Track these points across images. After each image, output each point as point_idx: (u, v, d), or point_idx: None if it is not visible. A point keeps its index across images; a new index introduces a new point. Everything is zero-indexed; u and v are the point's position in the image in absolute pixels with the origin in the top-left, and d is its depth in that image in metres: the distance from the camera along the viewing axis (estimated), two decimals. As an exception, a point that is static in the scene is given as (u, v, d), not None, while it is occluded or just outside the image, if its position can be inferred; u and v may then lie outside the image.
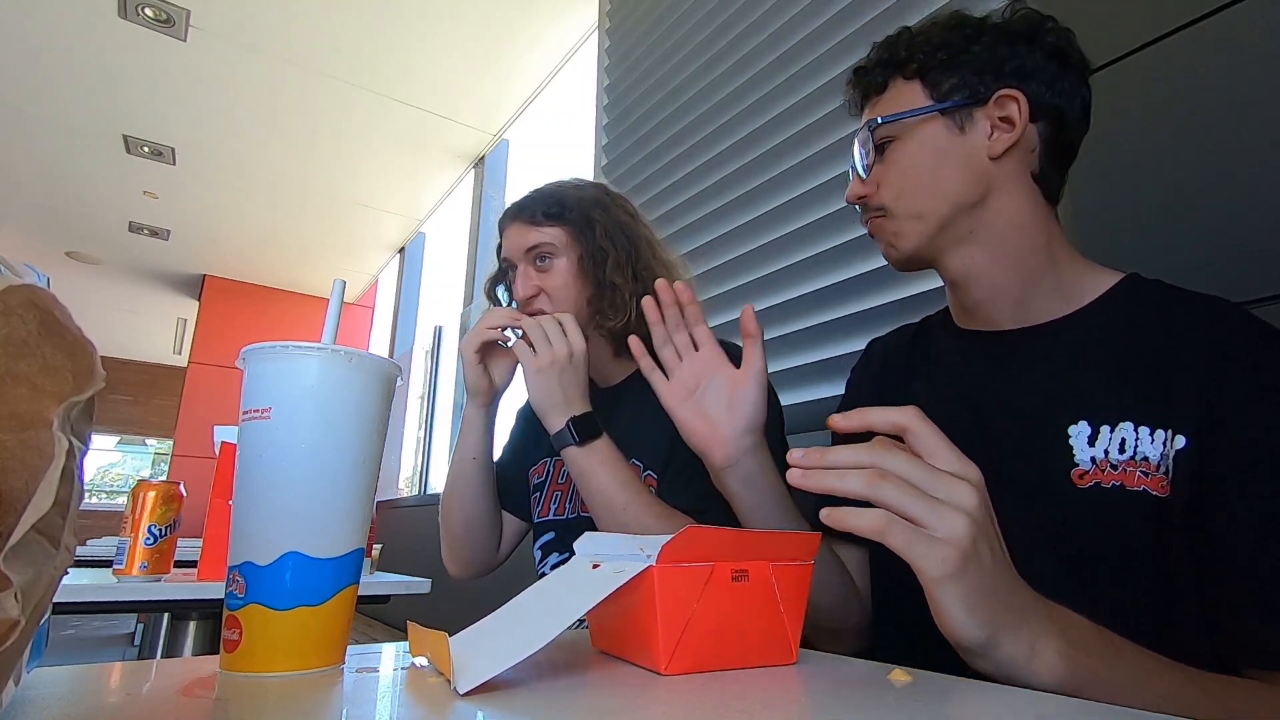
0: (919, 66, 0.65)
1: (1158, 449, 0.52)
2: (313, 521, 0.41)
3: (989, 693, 0.37)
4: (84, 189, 4.28)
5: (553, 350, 0.81)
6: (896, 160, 0.65)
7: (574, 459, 0.81)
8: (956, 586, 0.39)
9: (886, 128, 0.65)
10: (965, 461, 0.42)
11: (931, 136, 0.64)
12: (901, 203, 0.65)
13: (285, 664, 0.40)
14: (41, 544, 0.23)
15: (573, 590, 0.45)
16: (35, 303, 0.25)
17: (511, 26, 2.94)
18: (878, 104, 0.68)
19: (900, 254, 0.67)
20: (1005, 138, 0.63)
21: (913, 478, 0.40)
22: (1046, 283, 0.63)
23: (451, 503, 1.00)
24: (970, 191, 0.63)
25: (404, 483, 4.67)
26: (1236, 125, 0.78)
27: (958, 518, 0.39)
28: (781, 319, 1.45)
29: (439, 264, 4.91)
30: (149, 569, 1.06)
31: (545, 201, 0.95)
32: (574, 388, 0.82)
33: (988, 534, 0.41)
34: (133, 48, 3.01)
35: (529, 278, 0.93)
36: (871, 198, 0.67)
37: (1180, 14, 0.84)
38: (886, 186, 0.66)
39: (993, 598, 0.40)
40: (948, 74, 0.64)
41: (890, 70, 0.67)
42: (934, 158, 0.64)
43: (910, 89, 0.66)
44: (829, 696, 0.37)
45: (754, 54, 1.63)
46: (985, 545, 0.40)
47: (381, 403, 0.45)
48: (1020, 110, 0.62)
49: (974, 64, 0.63)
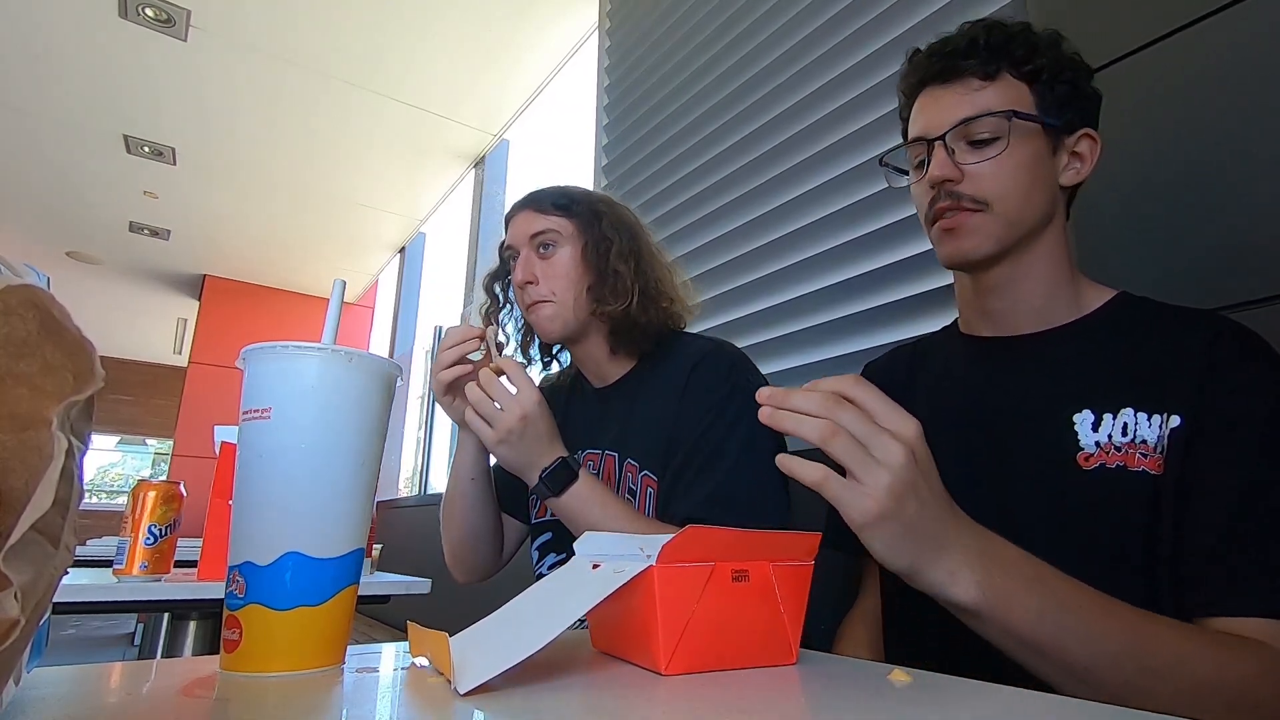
0: (1033, 70, 0.64)
1: (1155, 431, 0.56)
2: (313, 521, 0.41)
3: (989, 693, 0.37)
4: (84, 189, 4.28)
5: (505, 417, 0.80)
6: (1007, 160, 0.63)
7: (558, 507, 0.82)
8: (876, 530, 0.45)
9: (999, 122, 0.63)
10: (905, 419, 0.46)
11: (1038, 148, 0.64)
12: (1005, 205, 0.63)
13: (285, 664, 0.40)
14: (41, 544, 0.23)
15: (573, 590, 0.45)
16: (35, 302, 0.25)
17: (512, 26, 2.94)
18: (984, 90, 0.64)
19: (979, 253, 0.65)
20: (1076, 173, 0.66)
21: (856, 432, 0.45)
22: (1064, 294, 0.66)
23: (453, 517, 1.00)
24: (1047, 213, 0.65)
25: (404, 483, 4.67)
26: (1236, 126, 0.78)
27: (882, 473, 0.44)
28: (781, 319, 1.45)
29: (439, 264, 4.92)
30: (149, 569, 1.06)
31: (554, 194, 0.97)
32: (538, 443, 0.82)
33: (914, 485, 0.45)
34: (133, 48, 3.01)
35: (530, 263, 0.94)
36: (962, 186, 0.64)
37: (1180, 14, 0.84)
38: (988, 181, 0.64)
39: (914, 538, 0.46)
40: (1052, 90, 0.64)
41: (1003, 60, 0.64)
42: (1035, 170, 0.64)
43: (1019, 89, 0.64)
44: (829, 696, 0.37)
45: (754, 54, 1.63)
46: (911, 496, 0.45)
47: (381, 403, 0.45)
48: (1094, 152, 0.66)
49: (1068, 92, 0.65)
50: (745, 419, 0.85)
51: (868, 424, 0.45)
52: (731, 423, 0.84)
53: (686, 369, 0.90)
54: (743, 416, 0.85)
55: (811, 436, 0.45)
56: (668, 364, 0.93)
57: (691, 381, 0.89)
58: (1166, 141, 0.85)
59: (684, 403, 0.88)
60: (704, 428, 0.85)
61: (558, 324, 0.93)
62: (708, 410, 0.86)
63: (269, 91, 3.34)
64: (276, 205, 4.50)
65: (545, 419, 0.82)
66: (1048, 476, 0.59)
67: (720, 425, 0.84)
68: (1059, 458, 0.59)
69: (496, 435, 0.80)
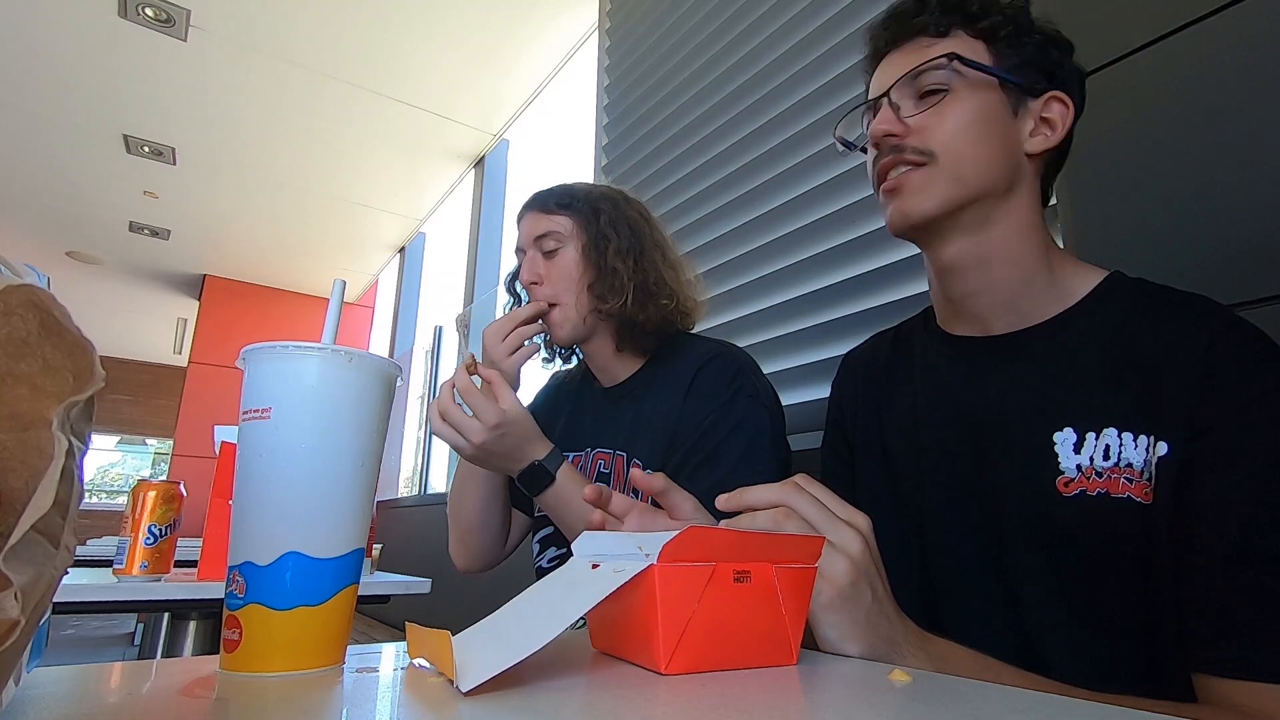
0: (990, 27, 0.61)
1: (1141, 454, 0.52)
2: (313, 521, 0.41)
3: (989, 693, 0.37)
4: (84, 189, 4.28)
5: (476, 431, 0.80)
6: (950, 111, 0.60)
7: (543, 505, 0.85)
8: (831, 616, 0.44)
9: (944, 75, 0.60)
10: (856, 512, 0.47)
11: (991, 104, 0.61)
12: (949, 156, 0.59)
13: (285, 664, 0.40)
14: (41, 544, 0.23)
15: (573, 590, 0.45)
16: (35, 303, 0.25)
17: (511, 26, 2.94)
18: (932, 46, 0.62)
19: (920, 209, 0.60)
20: (1044, 140, 0.62)
21: (810, 518, 0.46)
22: (1039, 283, 0.62)
23: (463, 503, 1.00)
24: (1004, 178, 0.61)
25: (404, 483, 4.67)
26: (1236, 125, 0.78)
27: (840, 560, 0.45)
28: (781, 319, 1.45)
29: (439, 264, 4.92)
30: (149, 569, 1.06)
31: (558, 193, 0.97)
32: (515, 448, 0.82)
33: (870, 575, 0.45)
34: (133, 48, 3.01)
35: (534, 264, 0.95)
36: (906, 138, 0.61)
37: (1180, 14, 0.84)
38: (932, 132, 0.60)
39: (868, 629, 0.45)
40: (1014, 50, 0.61)
41: (956, 18, 0.62)
42: (987, 127, 0.60)
43: (973, 44, 0.61)
44: (829, 696, 0.37)
45: (754, 54, 1.63)
46: (865, 584, 0.45)
47: (381, 403, 0.45)
48: (1066, 117, 0.62)
49: (1033, 54, 0.62)
50: (747, 424, 0.85)
51: (824, 512, 0.46)
52: (733, 426, 0.84)
53: (692, 370, 0.90)
54: (745, 421, 0.85)
55: (767, 525, 0.46)
56: (675, 365, 0.93)
57: (696, 382, 0.89)
58: (1169, 141, 0.85)
59: (687, 403, 0.88)
60: (705, 429, 0.85)
61: (566, 328, 0.94)
62: (711, 412, 0.86)
63: (269, 91, 3.34)
64: (276, 205, 4.50)
65: (521, 421, 0.82)
66: (1029, 498, 0.56)
67: (721, 427, 0.84)
68: (1039, 479, 0.56)
69: (472, 452, 0.82)
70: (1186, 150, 0.83)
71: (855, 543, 0.45)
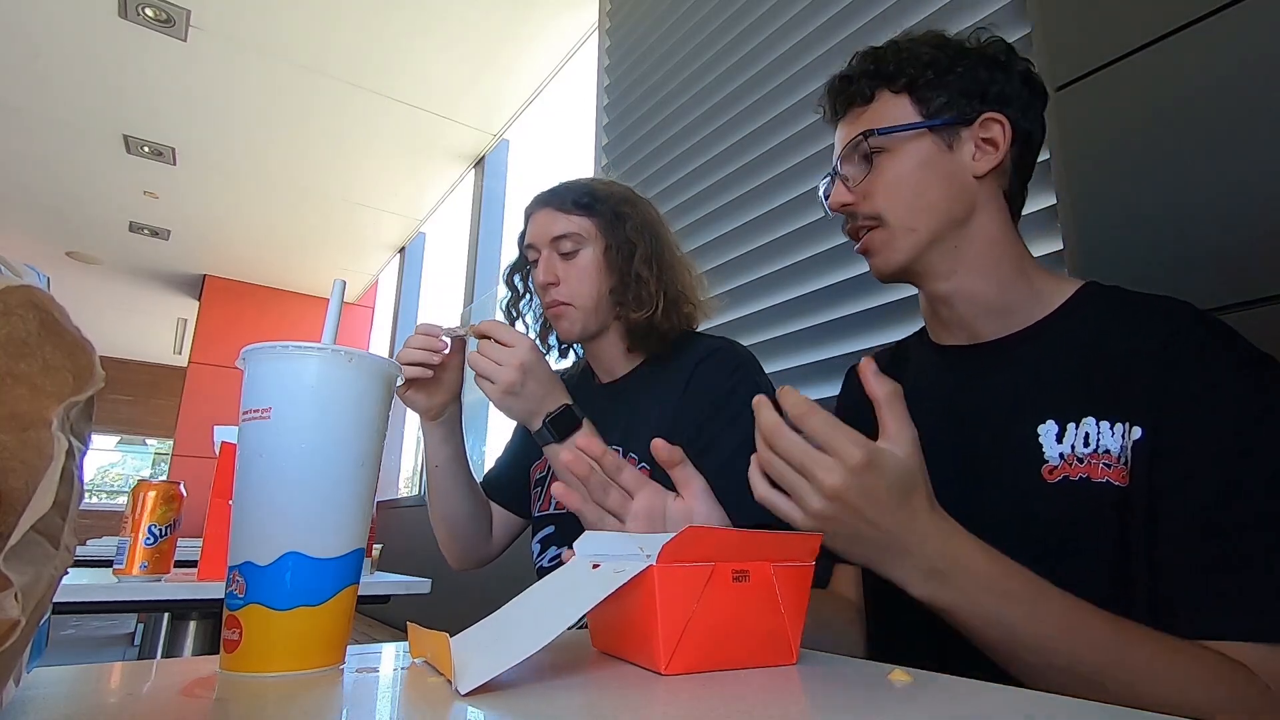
0: (908, 81, 0.66)
1: (1118, 441, 0.55)
2: (313, 521, 0.41)
3: (989, 693, 0.37)
4: (84, 189, 4.28)
5: (504, 372, 0.81)
6: (887, 173, 0.66)
7: (556, 454, 0.83)
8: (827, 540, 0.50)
9: (877, 139, 0.66)
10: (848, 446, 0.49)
11: (922, 152, 0.66)
12: (895, 215, 0.66)
13: (285, 664, 0.40)
14: (41, 544, 0.23)
15: (573, 590, 0.45)
16: (34, 303, 0.25)
17: (511, 26, 2.94)
18: (864, 114, 0.68)
19: (890, 266, 0.67)
20: (989, 159, 0.66)
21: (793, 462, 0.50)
22: (1019, 291, 0.66)
23: (432, 508, 1.01)
24: (957, 208, 0.65)
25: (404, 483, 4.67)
26: (1235, 126, 0.78)
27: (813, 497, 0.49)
28: (781, 319, 1.45)
29: (439, 264, 4.92)
30: (149, 569, 1.06)
31: (576, 191, 0.95)
32: (540, 390, 0.82)
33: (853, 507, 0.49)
34: (133, 48, 3.01)
35: (552, 265, 0.93)
36: (859, 206, 0.68)
37: (1180, 14, 0.84)
38: (876, 197, 0.66)
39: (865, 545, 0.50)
40: (936, 92, 0.66)
41: (877, 82, 0.68)
42: (925, 173, 0.65)
43: (899, 103, 0.67)
44: (829, 696, 0.37)
45: (754, 54, 1.63)
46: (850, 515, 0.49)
47: (381, 403, 0.45)
48: (1004, 133, 0.65)
49: (960, 85, 0.66)
50: (744, 418, 0.84)
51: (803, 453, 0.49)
52: (731, 419, 0.84)
53: (692, 365, 0.90)
54: (742, 415, 0.85)
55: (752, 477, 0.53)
56: (676, 361, 0.93)
57: (696, 376, 0.89)
58: (1166, 142, 0.85)
59: (686, 396, 0.88)
60: (702, 420, 0.85)
61: (577, 327, 0.93)
62: (708, 404, 0.86)
63: (269, 91, 3.34)
64: (276, 205, 4.50)
65: (543, 366, 0.83)
66: (1016, 489, 0.59)
67: (719, 420, 0.84)
68: (1025, 469, 0.59)
69: (498, 390, 0.81)
70: (1185, 151, 0.83)
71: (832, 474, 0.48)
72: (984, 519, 0.57)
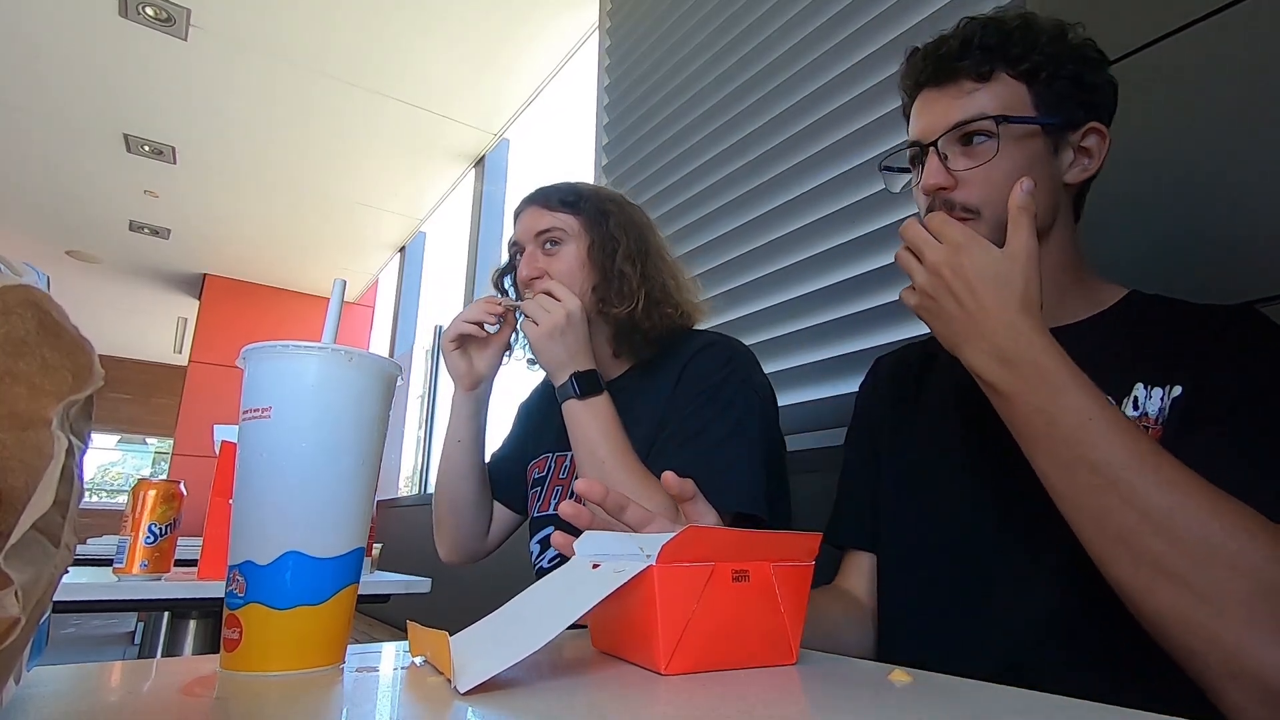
0: (1030, 69, 0.62)
1: (1157, 404, 0.56)
2: (313, 521, 0.41)
3: (989, 693, 0.37)
4: (84, 188, 4.28)
5: (550, 316, 0.86)
6: (999, 165, 0.61)
7: (573, 411, 0.85)
8: (923, 316, 0.59)
9: (987, 123, 0.61)
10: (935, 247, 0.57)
11: (1034, 150, 0.62)
12: (996, 213, 0.60)
13: (285, 663, 0.40)
14: (42, 543, 0.23)
15: (573, 590, 0.45)
16: (33, 302, 0.25)
17: (511, 26, 2.94)
18: (978, 92, 0.62)
19: None
20: (1084, 170, 0.63)
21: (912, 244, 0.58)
22: (1075, 296, 0.65)
23: (440, 486, 1.02)
24: (1047, 216, 0.62)
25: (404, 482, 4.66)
26: (1236, 125, 0.78)
27: (920, 273, 0.57)
28: (781, 319, 1.45)
29: (439, 263, 4.91)
30: (149, 568, 1.06)
31: (563, 190, 0.97)
32: (575, 344, 0.87)
33: (947, 290, 0.56)
34: (133, 47, 3.01)
35: (535, 259, 0.94)
36: (957, 193, 0.63)
37: (1180, 14, 0.84)
38: (979, 187, 0.62)
39: (953, 327, 0.56)
40: (1053, 88, 0.62)
41: (998, 60, 0.62)
42: (1031, 174, 0.60)
43: (1015, 89, 0.62)
44: (829, 696, 0.37)
45: (755, 53, 1.63)
46: (946, 297, 0.56)
47: (381, 402, 0.45)
48: (1103, 147, 0.63)
49: (1072, 85, 0.62)
50: (737, 406, 0.85)
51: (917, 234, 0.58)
52: (723, 407, 0.84)
53: (687, 357, 0.90)
54: (734, 403, 0.85)
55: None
56: (669, 360, 0.93)
57: (687, 369, 0.89)
58: (1173, 140, 0.85)
59: (678, 388, 0.88)
60: (694, 408, 0.85)
61: None
62: (700, 393, 0.86)
63: (269, 91, 3.33)
64: (277, 204, 4.50)
65: (584, 329, 0.89)
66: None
67: (710, 408, 0.84)
68: None
69: (540, 331, 0.86)
70: (1187, 149, 0.83)
71: (933, 251, 0.56)
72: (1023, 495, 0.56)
